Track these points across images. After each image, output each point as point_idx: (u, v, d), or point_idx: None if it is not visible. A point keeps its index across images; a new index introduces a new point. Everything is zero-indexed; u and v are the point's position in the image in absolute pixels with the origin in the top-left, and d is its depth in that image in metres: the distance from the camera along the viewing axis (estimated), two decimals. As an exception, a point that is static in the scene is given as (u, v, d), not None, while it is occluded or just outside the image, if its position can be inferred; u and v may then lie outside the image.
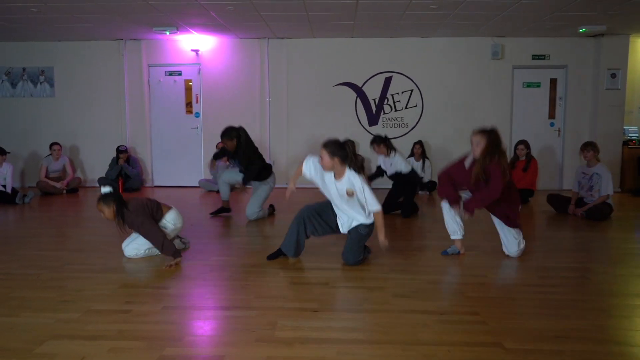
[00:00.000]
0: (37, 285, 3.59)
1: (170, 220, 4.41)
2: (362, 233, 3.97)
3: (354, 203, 3.90)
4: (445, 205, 4.37)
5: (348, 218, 4.01)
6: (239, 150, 5.88)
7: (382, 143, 6.37)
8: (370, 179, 6.60)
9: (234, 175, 6.19)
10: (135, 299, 3.31)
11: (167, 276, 3.82)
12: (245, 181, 6.04)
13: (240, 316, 3.02)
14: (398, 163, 6.39)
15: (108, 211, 4.12)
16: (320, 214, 4.11)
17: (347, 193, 3.85)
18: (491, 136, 4.05)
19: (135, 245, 4.33)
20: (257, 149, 6.09)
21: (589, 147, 6.30)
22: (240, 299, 3.30)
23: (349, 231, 4.04)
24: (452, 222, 4.34)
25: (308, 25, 7.69)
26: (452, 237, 4.38)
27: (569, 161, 8.90)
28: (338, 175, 3.87)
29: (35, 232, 5.44)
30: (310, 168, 4.04)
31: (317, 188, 4.10)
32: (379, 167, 6.72)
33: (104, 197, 4.12)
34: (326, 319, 2.96)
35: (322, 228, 4.13)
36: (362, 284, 3.66)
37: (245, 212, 6.01)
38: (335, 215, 4.09)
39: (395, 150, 6.45)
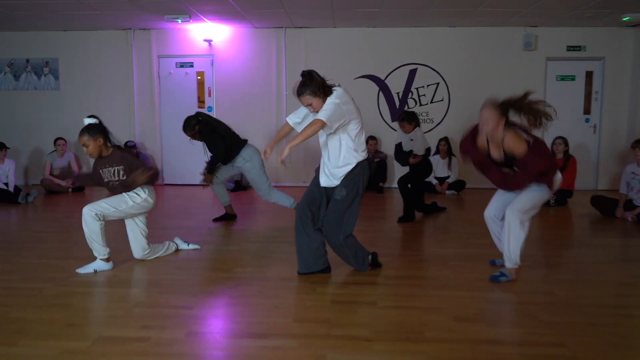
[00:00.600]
0: (39, 303, 3.11)
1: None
2: (337, 198, 3.45)
3: (334, 143, 3.46)
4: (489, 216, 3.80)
5: (329, 163, 3.50)
6: (202, 134, 5.30)
7: (414, 121, 5.67)
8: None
9: (220, 170, 5.50)
10: (153, 322, 2.82)
11: (188, 291, 3.32)
12: (214, 162, 5.33)
13: (280, 347, 2.52)
14: (418, 141, 5.63)
15: (93, 145, 3.74)
16: (311, 203, 3.56)
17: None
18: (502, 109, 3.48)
19: (143, 245, 3.91)
20: (218, 126, 5.37)
21: (642, 145, 5.78)
22: (276, 324, 2.80)
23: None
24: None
25: (330, 13, 7.17)
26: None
27: (605, 160, 8.36)
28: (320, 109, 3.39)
29: (38, 237, 4.96)
30: (295, 119, 3.70)
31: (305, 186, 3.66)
32: (398, 145, 5.84)
33: (89, 128, 3.73)
34: (385, 352, 2.46)
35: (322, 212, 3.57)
36: (415, 304, 3.15)
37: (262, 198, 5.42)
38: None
39: (419, 127, 5.75)
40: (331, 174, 3.50)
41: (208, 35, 8.33)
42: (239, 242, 4.73)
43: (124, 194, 3.85)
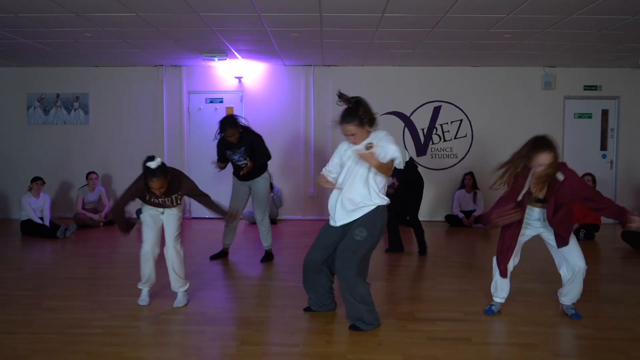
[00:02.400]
0: (146, 342, 3.19)
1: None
2: (357, 239, 3.26)
3: (362, 177, 3.32)
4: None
5: (348, 203, 3.33)
6: (244, 139, 5.23)
7: None
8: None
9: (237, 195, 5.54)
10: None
11: (283, 329, 3.42)
12: (256, 161, 5.26)
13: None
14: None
15: (166, 187, 3.66)
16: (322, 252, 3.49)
17: (365, 147, 3.31)
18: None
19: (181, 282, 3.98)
20: None
21: (672, 182, 6.05)
22: (389, 361, 2.92)
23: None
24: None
25: (365, 53, 7.46)
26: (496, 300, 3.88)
27: (623, 194, 8.67)
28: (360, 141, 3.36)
29: (101, 273, 5.02)
30: (335, 162, 3.57)
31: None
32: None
33: (162, 168, 3.59)
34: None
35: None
36: (507, 340, 3.30)
37: (257, 222, 5.53)
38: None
39: None
40: (349, 212, 3.35)
41: (238, 72, 8.55)
42: (297, 278, 4.83)
43: (175, 212, 3.96)
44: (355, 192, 3.31)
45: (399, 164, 3.33)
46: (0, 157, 8.78)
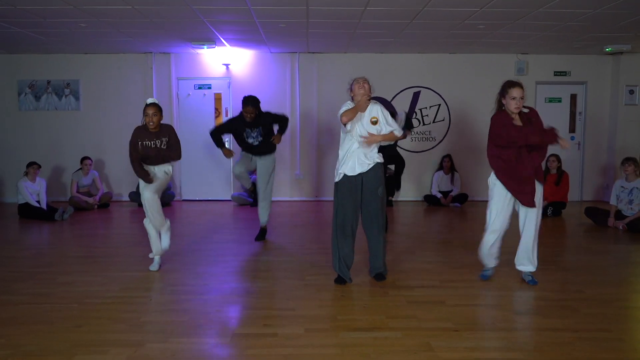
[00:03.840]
0: (159, 309, 3.60)
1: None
2: (380, 194, 4.13)
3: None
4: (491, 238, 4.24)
5: (364, 157, 4.07)
6: (260, 117, 5.65)
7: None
8: None
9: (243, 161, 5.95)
10: (272, 321, 3.36)
11: (281, 296, 3.86)
12: (283, 130, 5.90)
13: (388, 337, 3.10)
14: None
15: (159, 117, 4.49)
16: (347, 216, 4.10)
17: (371, 120, 4.06)
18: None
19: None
20: None
21: (630, 162, 6.61)
22: (374, 320, 3.37)
23: (368, 205, 4.11)
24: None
25: (347, 42, 7.83)
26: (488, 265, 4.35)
27: (589, 174, 9.26)
28: (364, 109, 4.06)
29: (101, 252, 5.38)
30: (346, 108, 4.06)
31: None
32: None
33: (157, 104, 4.51)
34: (474, 339, 3.08)
35: (356, 218, 4.17)
36: (477, 302, 3.79)
37: (259, 196, 5.86)
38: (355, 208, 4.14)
39: None
40: (363, 164, 4.07)
41: (226, 59, 8.85)
42: (293, 253, 5.26)
43: (165, 176, 4.62)
44: (368, 150, 4.10)
45: (398, 132, 4.17)
46: (-7, 142, 9.00)
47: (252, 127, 5.64)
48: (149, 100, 4.52)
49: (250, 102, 5.55)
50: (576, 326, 3.29)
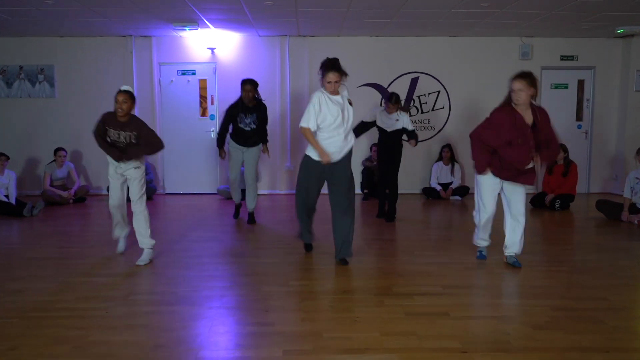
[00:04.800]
0: (114, 324, 3.06)
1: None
2: (349, 174, 4.30)
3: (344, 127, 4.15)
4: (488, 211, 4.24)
5: (338, 146, 4.17)
6: (259, 104, 5.88)
7: (399, 102, 6.22)
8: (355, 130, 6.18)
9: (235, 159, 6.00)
10: (245, 340, 2.83)
11: (258, 307, 3.33)
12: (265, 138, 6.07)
13: (382, 361, 2.58)
14: (406, 119, 6.14)
15: (129, 105, 4.19)
16: (309, 189, 4.29)
17: (349, 101, 4.22)
18: (534, 81, 3.94)
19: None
20: None
21: (646, 152, 6.10)
22: (366, 338, 2.84)
23: (335, 183, 4.26)
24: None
25: (340, 23, 7.25)
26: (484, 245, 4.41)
27: (597, 165, 8.75)
28: (335, 92, 4.14)
29: (66, 252, 4.84)
30: (312, 117, 4.09)
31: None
32: (370, 123, 6.27)
33: (131, 92, 4.26)
34: (486, 364, 2.55)
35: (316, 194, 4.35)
36: (485, 313, 3.27)
37: (247, 182, 6.00)
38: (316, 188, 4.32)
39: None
40: (342, 152, 4.22)
41: (211, 43, 8.27)
42: (277, 254, 4.73)
43: (137, 170, 4.35)
44: (346, 137, 4.20)
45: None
46: (-39, 132, 8.42)
47: (247, 113, 5.79)
48: (123, 87, 4.32)
49: (249, 81, 5.79)
50: (606, 343, 2.78)
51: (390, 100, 6.08)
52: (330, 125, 4.08)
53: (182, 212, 6.99)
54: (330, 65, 4.02)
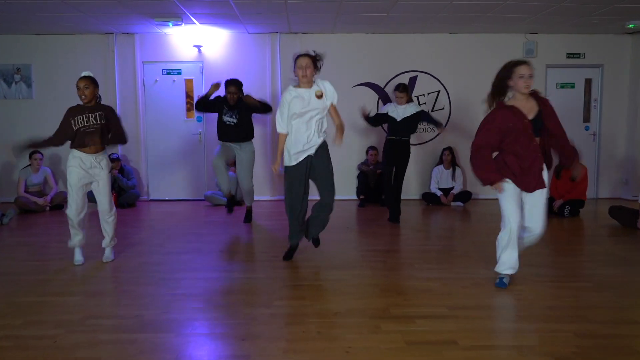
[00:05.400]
0: (60, 358, 2.56)
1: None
2: (330, 169, 4.23)
3: (318, 121, 4.12)
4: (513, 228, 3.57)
5: (310, 136, 4.11)
6: (240, 101, 5.89)
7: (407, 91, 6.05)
8: (372, 120, 6.24)
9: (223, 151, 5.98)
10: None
11: (234, 334, 2.85)
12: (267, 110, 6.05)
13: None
14: (412, 107, 6.01)
15: (92, 90, 4.16)
16: (293, 191, 4.21)
17: (316, 94, 4.07)
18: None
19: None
20: None
21: (664, 154, 5.64)
22: (359, 376, 2.37)
23: (317, 178, 4.21)
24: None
25: (333, 18, 6.80)
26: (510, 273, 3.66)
27: (605, 168, 8.30)
28: (308, 85, 4.10)
29: (28, 267, 4.34)
30: (282, 120, 4.14)
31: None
32: (383, 115, 6.13)
33: (93, 77, 4.21)
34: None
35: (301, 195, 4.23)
36: (500, 342, 2.80)
37: (242, 186, 5.97)
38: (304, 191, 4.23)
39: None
40: (312, 148, 4.14)
41: (197, 41, 7.81)
42: (263, 268, 4.25)
43: (103, 176, 4.24)
44: (314, 134, 4.12)
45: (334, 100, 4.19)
46: None
47: (232, 110, 5.86)
48: (83, 73, 4.24)
49: (234, 82, 5.91)
50: None
51: (398, 89, 5.96)
52: (302, 121, 4.09)
53: (164, 220, 6.50)
54: (302, 53, 4.08)
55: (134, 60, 7.92)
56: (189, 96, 8.07)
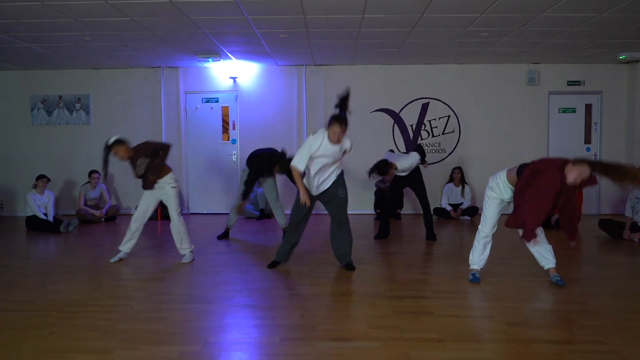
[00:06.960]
0: (137, 317, 3.51)
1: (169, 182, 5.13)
2: (342, 196, 4.72)
3: (333, 167, 4.63)
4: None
5: (326, 177, 4.64)
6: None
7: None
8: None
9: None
10: (247, 330, 3.24)
11: (262, 305, 3.74)
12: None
13: (365, 347, 2.95)
14: (415, 156, 6.43)
15: (124, 150, 4.94)
16: (299, 213, 4.72)
17: (342, 152, 4.61)
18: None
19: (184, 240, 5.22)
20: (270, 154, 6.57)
21: (643, 172, 6.32)
22: (354, 330, 3.23)
23: (330, 204, 4.75)
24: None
25: (352, 53, 7.77)
26: (548, 266, 4.39)
27: (606, 186, 8.91)
28: (338, 142, 4.49)
29: (97, 262, 5.35)
30: (304, 159, 4.44)
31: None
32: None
33: (118, 140, 4.97)
34: (456, 350, 2.90)
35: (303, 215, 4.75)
36: (468, 313, 3.61)
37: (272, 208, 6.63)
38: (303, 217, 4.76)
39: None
40: (325, 185, 4.68)
41: (233, 73, 8.89)
42: (289, 264, 5.15)
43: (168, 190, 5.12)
44: (329, 177, 4.69)
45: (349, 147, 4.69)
46: (7, 157, 9.17)
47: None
48: (109, 141, 5.08)
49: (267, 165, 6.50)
50: (570, 338, 3.09)
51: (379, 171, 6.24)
52: (321, 163, 4.53)
53: (203, 230, 7.48)
54: (336, 118, 4.46)
55: (178, 90, 9.04)
56: (224, 121, 9.14)
